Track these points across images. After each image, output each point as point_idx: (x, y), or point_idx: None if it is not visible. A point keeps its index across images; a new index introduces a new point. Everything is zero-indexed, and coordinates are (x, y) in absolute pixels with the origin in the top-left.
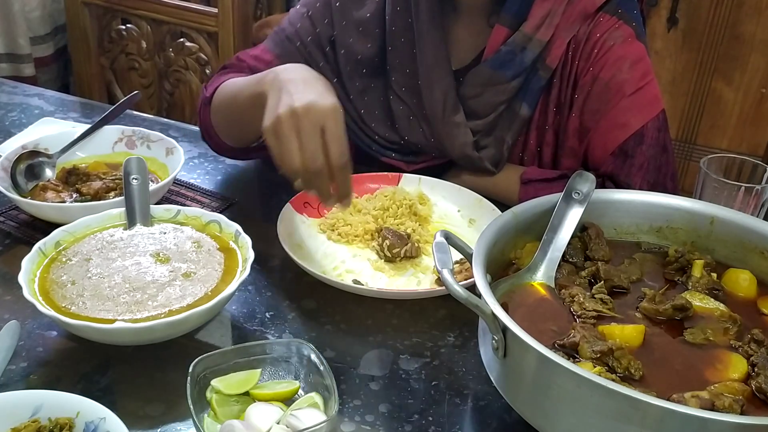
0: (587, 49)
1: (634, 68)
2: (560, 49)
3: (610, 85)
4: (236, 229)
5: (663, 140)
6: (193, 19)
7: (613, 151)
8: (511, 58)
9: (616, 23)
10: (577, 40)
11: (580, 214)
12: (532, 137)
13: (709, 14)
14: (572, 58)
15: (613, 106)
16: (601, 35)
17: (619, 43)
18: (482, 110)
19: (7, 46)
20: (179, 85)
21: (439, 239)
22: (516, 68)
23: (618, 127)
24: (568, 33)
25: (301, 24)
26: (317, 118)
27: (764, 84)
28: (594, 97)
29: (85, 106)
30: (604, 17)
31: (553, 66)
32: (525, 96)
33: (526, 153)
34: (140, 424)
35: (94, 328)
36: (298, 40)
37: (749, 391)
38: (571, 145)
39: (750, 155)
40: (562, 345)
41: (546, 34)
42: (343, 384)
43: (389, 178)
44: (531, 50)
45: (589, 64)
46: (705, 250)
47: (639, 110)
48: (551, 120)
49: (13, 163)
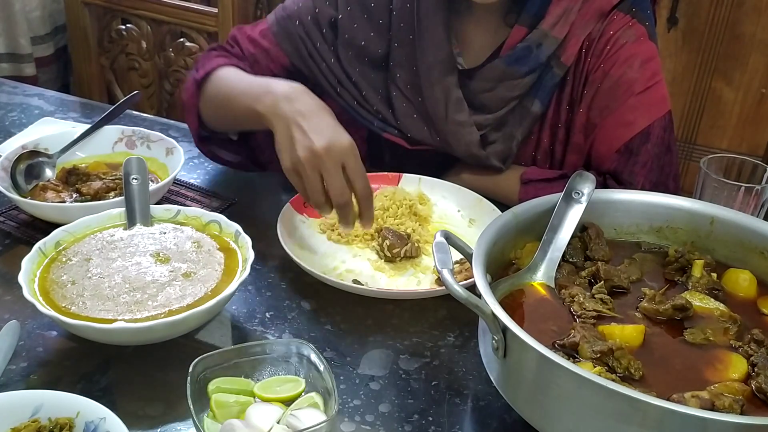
0: (600, 46)
1: (645, 67)
2: (576, 47)
3: (619, 82)
4: (236, 229)
5: (668, 140)
6: (193, 19)
7: (618, 148)
8: (527, 54)
9: (630, 21)
10: (590, 38)
11: (580, 214)
12: (546, 135)
13: (709, 14)
14: (585, 54)
15: (622, 103)
16: (614, 33)
17: (632, 41)
18: (493, 105)
19: (8, 46)
20: (179, 85)
21: (439, 239)
22: (531, 64)
23: (625, 124)
24: (583, 31)
25: (303, 3)
26: (338, 157)
27: (764, 84)
28: (603, 94)
29: (85, 106)
30: (618, 15)
31: (568, 63)
32: (537, 92)
33: (539, 151)
34: (140, 424)
35: (94, 328)
36: (297, 19)
37: (749, 391)
38: (576, 140)
39: (750, 155)
40: (562, 345)
41: (561, 31)
42: (343, 384)
43: (389, 178)
44: (546, 47)
45: (601, 61)
46: (705, 250)
47: (647, 109)
48: (564, 118)
49: (13, 163)
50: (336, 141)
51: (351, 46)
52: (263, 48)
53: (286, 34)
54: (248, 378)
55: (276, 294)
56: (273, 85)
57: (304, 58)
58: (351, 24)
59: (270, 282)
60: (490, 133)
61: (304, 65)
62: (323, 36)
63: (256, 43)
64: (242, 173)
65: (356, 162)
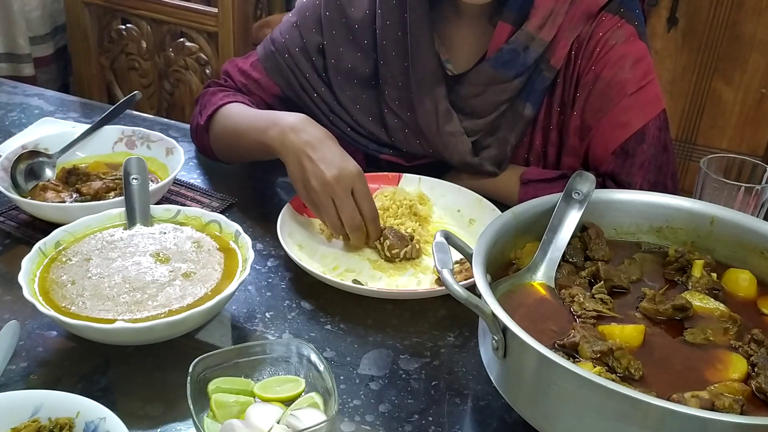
0: (589, 48)
1: (636, 67)
2: (564, 50)
3: (611, 83)
4: (236, 229)
5: (664, 140)
6: (193, 19)
7: (614, 150)
8: (514, 57)
9: (618, 22)
10: (579, 40)
11: (580, 214)
12: (538, 138)
13: (709, 14)
14: (575, 57)
15: (615, 105)
16: (604, 34)
17: (621, 42)
18: (483, 109)
19: (7, 46)
20: (179, 85)
21: (439, 239)
22: (518, 67)
23: (619, 126)
24: (571, 33)
25: (289, 35)
26: (348, 184)
27: (764, 84)
28: (595, 96)
29: (85, 106)
30: (607, 16)
31: (557, 66)
32: (528, 96)
33: (531, 154)
34: (140, 424)
35: (94, 328)
36: (286, 52)
37: (749, 391)
38: (572, 143)
39: (750, 155)
40: (562, 345)
41: (549, 33)
42: (343, 384)
43: (389, 178)
44: (534, 50)
45: (591, 63)
46: (705, 250)
47: (640, 109)
48: (555, 120)
49: (13, 163)
50: (345, 169)
51: (339, 70)
52: (254, 79)
53: (277, 67)
54: (248, 378)
55: (276, 294)
56: (279, 117)
57: (295, 89)
58: (337, 48)
59: (270, 282)
60: (483, 138)
61: (296, 96)
62: (313, 64)
63: (248, 75)
64: (242, 173)
65: (363, 187)
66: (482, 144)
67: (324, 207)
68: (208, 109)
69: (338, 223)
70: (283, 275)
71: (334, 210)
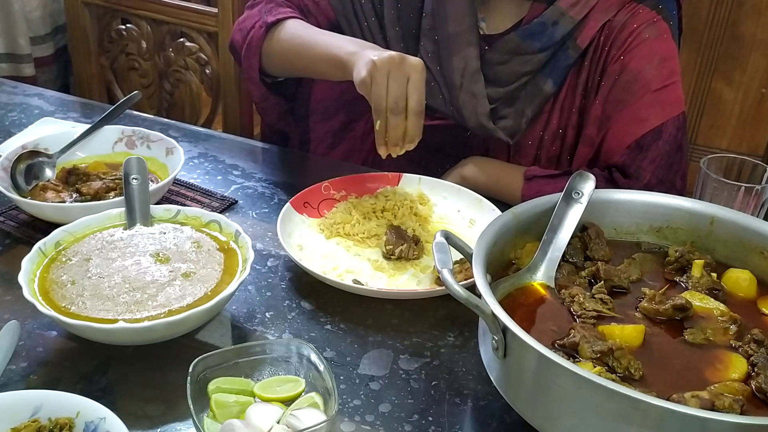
0: (621, 37)
1: (663, 65)
2: (592, 30)
3: (637, 77)
4: (236, 229)
5: (680, 139)
6: (193, 19)
7: (629, 144)
8: (542, 30)
9: (655, 17)
10: (612, 27)
11: (580, 214)
12: (555, 117)
13: (709, 14)
14: (604, 43)
15: (638, 98)
16: (638, 26)
17: (654, 37)
18: (505, 78)
19: (7, 46)
20: (179, 85)
21: (439, 239)
22: (545, 41)
23: (638, 120)
24: (603, 15)
25: None
26: (407, 69)
27: (764, 84)
28: (619, 87)
29: (85, 106)
30: (644, 9)
31: (583, 46)
32: (551, 72)
33: (547, 131)
34: (140, 424)
35: (94, 328)
36: None
37: (749, 391)
38: (589, 133)
39: (750, 155)
40: (562, 345)
41: (580, 12)
42: (343, 384)
43: (389, 178)
44: (562, 26)
45: (621, 53)
46: (705, 250)
47: (661, 107)
48: (578, 103)
49: (13, 163)
50: (409, 57)
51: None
52: (315, 1)
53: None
54: (248, 378)
55: (276, 294)
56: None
57: (348, 15)
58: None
59: (270, 282)
60: (500, 107)
61: (347, 23)
62: (375, 12)
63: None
64: (242, 173)
65: (420, 79)
66: (499, 113)
67: (376, 82)
68: (277, 14)
69: (383, 103)
70: (283, 275)
71: (385, 89)
